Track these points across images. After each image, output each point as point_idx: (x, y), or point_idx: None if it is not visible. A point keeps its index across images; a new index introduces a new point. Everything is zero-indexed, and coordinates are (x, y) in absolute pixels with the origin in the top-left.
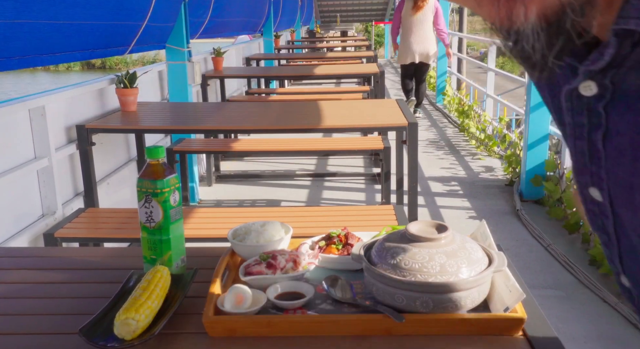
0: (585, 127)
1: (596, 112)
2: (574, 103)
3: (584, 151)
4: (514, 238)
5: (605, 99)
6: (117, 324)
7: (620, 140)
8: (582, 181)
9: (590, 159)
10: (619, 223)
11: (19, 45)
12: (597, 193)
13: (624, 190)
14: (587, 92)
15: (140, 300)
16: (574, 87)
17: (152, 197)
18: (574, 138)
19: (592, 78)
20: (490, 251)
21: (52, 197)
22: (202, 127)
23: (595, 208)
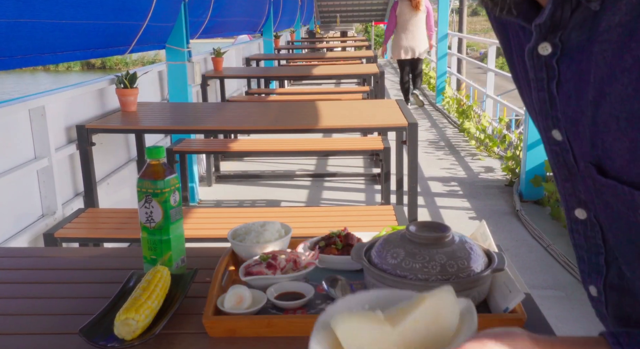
0: (544, 80)
1: (551, 66)
2: (534, 62)
3: (545, 99)
4: (514, 239)
5: (557, 55)
6: (117, 325)
7: (568, 86)
8: (544, 125)
9: (550, 106)
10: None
11: (21, 44)
12: (557, 134)
13: (572, 125)
14: (544, 51)
15: (141, 300)
16: (533, 47)
17: (152, 197)
18: (537, 91)
19: (546, 39)
20: (490, 252)
21: (52, 197)
22: (202, 127)
23: (557, 148)
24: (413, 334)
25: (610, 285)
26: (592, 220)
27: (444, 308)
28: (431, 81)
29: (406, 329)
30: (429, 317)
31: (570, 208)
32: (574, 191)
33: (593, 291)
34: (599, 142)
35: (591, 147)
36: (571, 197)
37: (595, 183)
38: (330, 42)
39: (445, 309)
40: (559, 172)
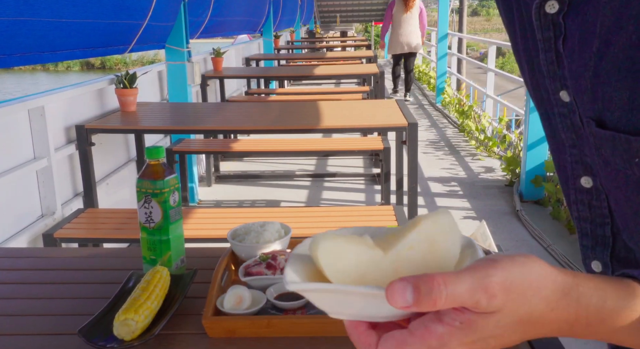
0: (552, 40)
1: (558, 23)
2: (542, 21)
3: (553, 60)
4: (514, 239)
5: (563, 12)
6: (117, 325)
7: (573, 41)
8: (553, 87)
9: (558, 65)
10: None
11: (20, 42)
12: (565, 95)
13: (576, 81)
14: (551, 9)
15: (140, 301)
16: (540, 5)
17: (152, 197)
18: (544, 52)
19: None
20: (490, 251)
21: (51, 197)
22: (202, 127)
23: (564, 110)
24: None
25: (617, 257)
26: (598, 187)
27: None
28: (431, 81)
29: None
30: (424, 244)
31: (575, 177)
32: (580, 156)
33: (597, 266)
34: (600, 94)
35: (592, 101)
36: (577, 164)
37: (595, 138)
38: (330, 42)
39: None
40: (567, 137)
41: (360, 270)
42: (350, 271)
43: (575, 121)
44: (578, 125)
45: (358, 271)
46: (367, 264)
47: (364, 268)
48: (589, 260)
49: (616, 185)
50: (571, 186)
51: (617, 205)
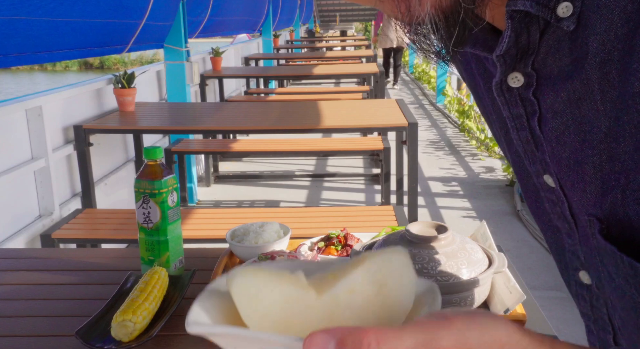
0: (523, 117)
1: (528, 100)
2: (506, 96)
3: (529, 140)
4: (515, 239)
5: (533, 86)
6: (115, 326)
7: (560, 121)
8: (534, 170)
9: (535, 146)
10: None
11: (16, 42)
12: (550, 180)
13: (570, 169)
14: (515, 83)
15: (138, 302)
16: (501, 80)
17: (150, 198)
18: (516, 130)
19: (515, 68)
20: (490, 252)
21: (49, 198)
22: (201, 127)
23: (552, 196)
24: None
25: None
26: (595, 290)
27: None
28: (431, 80)
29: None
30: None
31: (574, 269)
32: (575, 249)
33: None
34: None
35: (601, 195)
36: (573, 256)
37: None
38: (330, 41)
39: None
40: (561, 226)
41: (285, 313)
42: (272, 314)
43: (565, 213)
44: (569, 218)
45: (282, 315)
46: (295, 307)
47: (290, 312)
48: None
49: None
50: (571, 277)
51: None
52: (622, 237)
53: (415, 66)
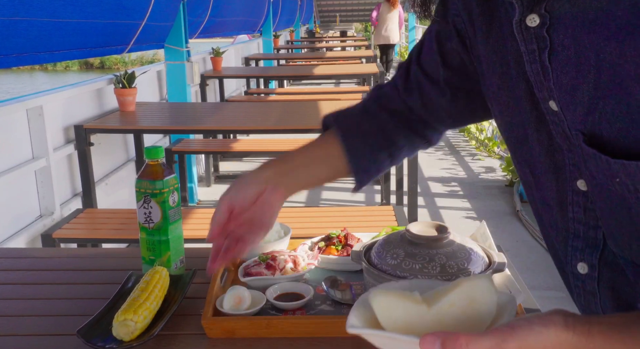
0: (536, 52)
1: (541, 36)
2: (524, 34)
3: (539, 71)
4: (515, 239)
5: (546, 25)
6: (116, 326)
7: (565, 54)
8: (542, 96)
9: (544, 76)
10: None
11: (17, 42)
12: (554, 104)
13: (567, 93)
14: (532, 23)
15: (139, 301)
16: (520, 19)
17: (151, 198)
18: (530, 63)
19: (532, 11)
20: (490, 252)
21: (50, 198)
22: (201, 127)
23: (555, 118)
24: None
25: (605, 260)
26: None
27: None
28: None
29: (441, 311)
30: (464, 301)
31: (572, 179)
32: (576, 161)
33: (582, 268)
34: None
35: (586, 114)
36: (574, 167)
37: (582, 152)
38: (330, 42)
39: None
40: (562, 142)
41: (407, 320)
42: (399, 321)
43: (565, 130)
44: (567, 134)
45: (406, 321)
46: (414, 316)
47: (410, 319)
48: (575, 261)
49: (601, 197)
50: (568, 188)
51: (602, 213)
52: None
53: None
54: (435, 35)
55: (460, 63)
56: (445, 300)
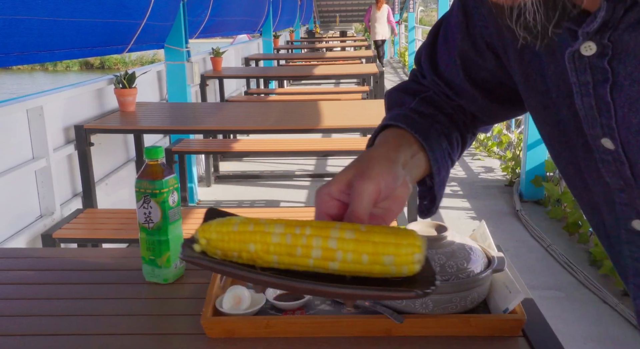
0: (590, 84)
1: (600, 68)
2: (576, 64)
3: (592, 105)
4: (514, 239)
5: (608, 56)
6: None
7: (635, 89)
8: (592, 133)
9: (598, 112)
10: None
11: (17, 41)
12: (609, 143)
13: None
14: (587, 52)
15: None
16: (576, 49)
17: (151, 198)
18: (581, 96)
19: (591, 39)
20: (489, 252)
21: (50, 198)
22: (201, 128)
23: (609, 157)
24: None
25: None
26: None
27: None
28: None
29: None
30: None
31: (626, 219)
32: (630, 201)
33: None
34: None
35: None
36: (627, 207)
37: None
38: (330, 42)
39: None
40: (612, 181)
41: None
42: None
43: (623, 171)
44: (627, 176)
45: None
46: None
47: None
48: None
49: None
50: (622, 227)
51: None
52: None
53: None
54: (459, 53)
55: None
56: None
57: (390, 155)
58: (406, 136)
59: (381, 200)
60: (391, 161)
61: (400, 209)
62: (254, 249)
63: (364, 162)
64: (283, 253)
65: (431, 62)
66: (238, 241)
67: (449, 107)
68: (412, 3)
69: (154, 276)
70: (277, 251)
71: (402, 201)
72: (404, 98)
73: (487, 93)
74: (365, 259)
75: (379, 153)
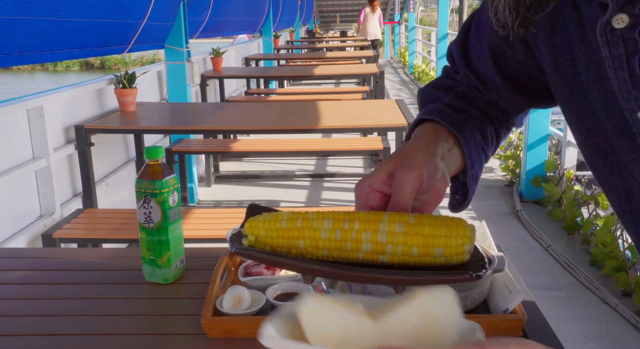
0: (623, 57)
1: (632, 40)
2: (608, 37)
3: (626, 78)
4: (514, 239)
5: (639, 27)
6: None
7: None
8: (628, 108)
9: (632, 84)
10: None
11: (18, 41)
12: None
13: None
14: (619, 24)
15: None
16: (607, 21)
17: (151, 198)
18: (614, 70)
19: (622, 10)
20: (489, 252)
21: (50, 198)
22: (201, 128)
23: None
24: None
25: None
26: None
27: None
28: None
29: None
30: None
31: None
32: None
33: None
34: None
35: None
36: None
37: None
38: (330, 42)
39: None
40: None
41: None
42: (332, 334)
43: None
44: None
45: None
46: (352, 331)
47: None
48: None
49: None
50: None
51: None
52: None
53: (415, 66)
54: (488, 43)
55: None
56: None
57: (429, 147)
58: (442, 130)
59: (422, 191)
60: (431, 153)
61: (439, 201)
62: (303, 245)
63: (404, 153)
64: (332, 248)
65: (464, 55)
66: (287, 237)
67: (481, 101)
68: (412, 3)
69: (154, 276)
70: (326, 246)
71: (441, 193)
72: (437, 94)
73: (515, 86)
74: (415, 251)
75: (419, 145)
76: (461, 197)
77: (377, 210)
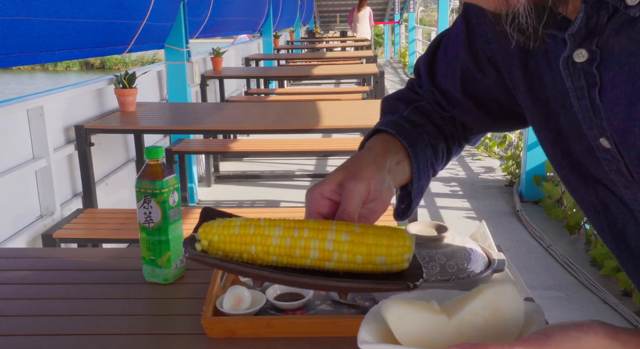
0: (585, 88)
1: (590, 73)
2: (571, 70)
3: (588, 108)
4: (514, 239)
5: (597, 61)
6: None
7: (616, 93)
8: (591, 134)
9: (594, 113)
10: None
11: (17, 42)
12: (606, 142)
13: (620, 135)
14: (579, 58)
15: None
16: (568, 55)
17: (151, 198)
18: (577, 99)
19: (581, 45)
20: (490, 252)
21: (50, 198)
22: (201, 128)
23: (608, 156)
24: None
25: None
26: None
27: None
28: None
29: (463, 321)
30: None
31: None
32: (636, 198)
33: None
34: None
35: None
36: (636, 202)
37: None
38: (330, 42)
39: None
40: (618, 179)
41: (426, 333)
42: (417, 334)
43: (621, 168)
44: (626, 173)
45: (425, 334)
46: (433, 328)
47: (430, 332)
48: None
49: None
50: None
51: None
52: None
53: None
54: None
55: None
56: (467, 310)
57: (378, 160)
58: (394, 143)
59: (369, 201)
60: (379, 166)
61: (384, 210)
62: (255, 251)
63: (354, 164)
64: (282, 254)
65: (429, 72)
66: (239, 243)
67: (439, 118)
68: (412, 3)
69: (154, 276)
70: (276, 253)
71: (386, 203)
72: (398, 105)
73: (479, 106)
74: (359, 259)
75: (369, 158)
76: (405, 207)
77: (326, 216)
